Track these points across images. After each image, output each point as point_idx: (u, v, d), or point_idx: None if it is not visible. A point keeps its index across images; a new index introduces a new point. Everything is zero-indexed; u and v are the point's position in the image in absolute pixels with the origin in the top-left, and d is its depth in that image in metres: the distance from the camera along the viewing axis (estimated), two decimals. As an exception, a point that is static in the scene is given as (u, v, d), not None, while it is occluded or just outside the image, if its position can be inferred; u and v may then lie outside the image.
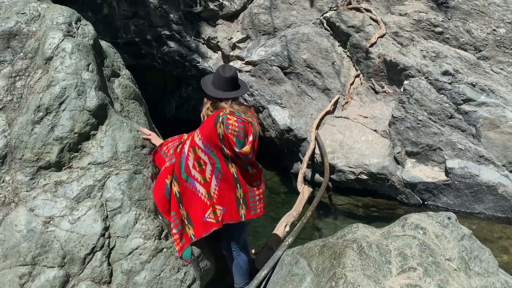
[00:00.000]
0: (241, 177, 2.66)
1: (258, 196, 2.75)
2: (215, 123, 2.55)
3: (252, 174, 2.73)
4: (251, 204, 2.70)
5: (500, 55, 5.53)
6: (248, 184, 2.70)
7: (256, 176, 2.76)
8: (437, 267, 2.36)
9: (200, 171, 2.63)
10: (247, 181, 2.69)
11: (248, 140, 2.60)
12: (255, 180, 2.75)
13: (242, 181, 2.67)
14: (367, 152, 5.31)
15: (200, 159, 2.62)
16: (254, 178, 2.75)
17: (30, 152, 2.57)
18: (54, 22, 2.85)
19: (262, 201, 2.80)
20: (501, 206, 4.74)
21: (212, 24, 6.68)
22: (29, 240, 2.41)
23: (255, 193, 2.73)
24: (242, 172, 2.67)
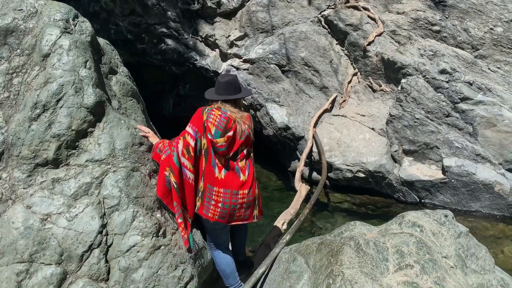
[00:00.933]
0: (210, 176, 2.74)
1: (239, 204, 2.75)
2: (202, 111, 2.76)
3: (221, 179, 2.72)
4: (207, 205, 2.75)
5: (497, 54, 5.55)
6: (219, 186, 2.73)
7: (229, 182, 2.73)
8: (434, 264, 2.37)
9: (189, 158, 2.71)
10: (218, 184, 2.73)
11: (226, 134, 2.68)
12: (236, 186, 2.73)
13: (210, 181, 2.75)
14: (365, 150, 5.32)
15: (189, 145, 2.70)
16: (225, 183, 2.72)
17: (27, 149, 2.56)
18: (51, 19, 2.84)
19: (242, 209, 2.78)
20: (497, 204, 4.77)
21: (210, 22, 6.67)
22: (26, 237, 2.40)
23: (230, 199, 2.73)
24: (208, 169, 2.74)
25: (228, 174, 2.75)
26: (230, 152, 2.74)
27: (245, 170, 2.79)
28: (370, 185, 5.34)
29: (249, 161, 2.84)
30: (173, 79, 7.90)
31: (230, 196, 2.74)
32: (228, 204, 2.74)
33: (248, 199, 2.81)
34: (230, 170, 2.75)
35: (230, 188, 2.75)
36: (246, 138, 2.79)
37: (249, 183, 2.80)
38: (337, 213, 5.04)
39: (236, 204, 2.76)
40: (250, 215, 2.86)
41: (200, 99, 7.69)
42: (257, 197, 2.90)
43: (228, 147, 2.70)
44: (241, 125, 2.74)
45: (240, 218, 2.83)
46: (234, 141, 2.73)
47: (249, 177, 2.81)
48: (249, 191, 2.81)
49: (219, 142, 2.67)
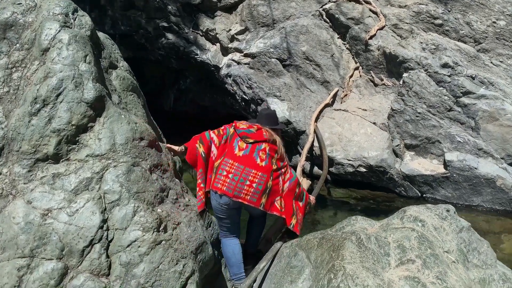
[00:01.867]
0: (229, 152, 3.09)
1: (249, 180, 2.98)
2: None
3: (239, 156, 3.05)
4: (219, 177, 3.02)
5: (500, 47, 5.51)
6: (234, 160, 3.04)
7: (254, 164, 3.02)
8: (435, 259, 2.37)
9: (218, 135, 3.18)
10: (235, 159, 3.05)
11: (253, 134, 3.13)
12: (253, 166, 3.01)
13: (229, 155, 3.06)
14: (366, 145, 5.30)
15: (220, 128, 3.23)
16: (252, 164, 3.02)
17: (27, 144, 2.56)
18: (50, 13, 2.82)
19: (251, 187, 2.98)
20: (499, 199, 4.75)
21: (211, 16, 6.63)
22: (27, 232, 2.40)
23: (241, 172, 2.99)
24: (230, 150, 3.10)
25: (247, 155, 3.04)
26: (249, 140, 3.10)
27: (264, 162, 3.04)
28: (372, 180, 5.33)
29: (268, 168, 3.04)
30: (174, 74, 7.87)
31: (242, 171, 2.98)
32: (238, 177, 2.96)
33: (260, 182, 2.97)
34: (249, 153, 3.04)
35: (244, 165, 3.00)
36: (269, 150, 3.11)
37: (264, 170, 3.01)
38: (338, 208, 5.03)
39: (246, 179, 2.96)
40: (258, 200, 2.97)
41: (201, 94, 7.68)
42: (270, 189, 3.02)
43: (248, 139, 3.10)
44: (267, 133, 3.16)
45: (247, 199, 2.96)
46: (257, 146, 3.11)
47: (266, 167, 3.02)
48: (263, 175, 2.99)
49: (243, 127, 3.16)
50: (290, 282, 2.58)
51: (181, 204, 2.89)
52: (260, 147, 3.09)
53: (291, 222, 3.09)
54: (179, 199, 2.91)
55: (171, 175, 3.01)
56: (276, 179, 3.08)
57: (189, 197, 3.06)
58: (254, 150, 3.07)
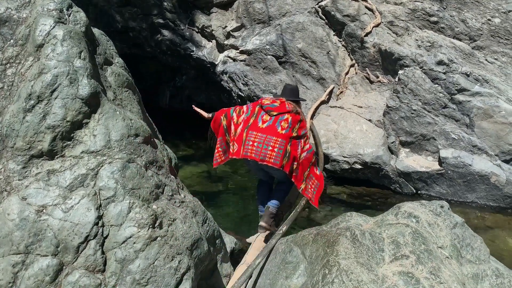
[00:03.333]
0: (253, 125, 3.61)
1: (271, 145, 3.50)
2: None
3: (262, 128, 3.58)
4: (247, 147, 3.54)
5: (495, 45, 5.54)
6: (258, 131, 3.55)
7: (275, 132, 3.55)
8: (429, 254, 2.38)
9: (238, 115, 3.71)
10: (258, 130, 3.57)
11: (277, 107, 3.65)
12: (274, 134, 3.54)
13: (253, 128, 3.59)
14: (362, 141, 5.32)
15: (242, 108, 3.74)
16: (273, 132, 3.55)
17: (22, 141, 2.55)
18: (45, 9, 2.80)
19: (273, 152, 3.48)
20: (493, 195, 4.79)
21: (206, 13, 6.62)
22: (22, 228, 2.39)
23: (263, 139, 3.53)
24: (255, 124, 3.62)
25: (269, 126, 3.56)
26: (273, 113, 3.61)
27: (283, 131, 3.54)
28: (367, 177, 5.35)
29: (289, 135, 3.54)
30: (170, 71, 7.86)
31: (265, 139, 3.51)
32: (261, 144, 3.49)
33: (280, 147, 3.47)
34: (272, 123, 3.57)
35: (266, 134, 3.52)
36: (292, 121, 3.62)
37: (284, 137, 3.51)
38: (333, 204, 5.05)
39: (268, 145, 3.49)
40: (280, 162, 3.48)
41: (197, 91, 7.67)
42: (290, 153, 3.51)
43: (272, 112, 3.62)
44: (290, 105, 3.66)
45: (271, 161, 3.47)
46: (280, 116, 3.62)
47: (286, 134, 3.53)
48: (282, 141, 3.49)
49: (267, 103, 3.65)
50: (285, 277, 2.59)
51: (176, 201, 2.89)
52: (283, 117, 3.62)
53: (301, 186, 3.60)
54: (175, 195, 2.91)
55: (166, 171, 3.01)
56: (295, 146, 3.58)
57: (184, 194, 3.07)
58: (277, 120, 3.61)
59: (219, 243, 3.18)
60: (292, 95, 3.90)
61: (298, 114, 3.71)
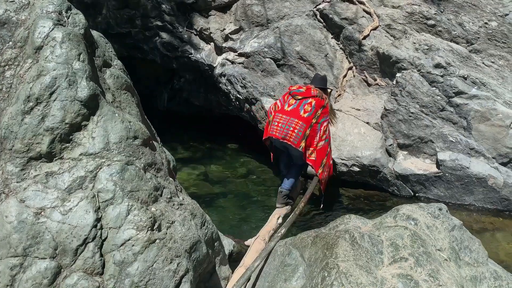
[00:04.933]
0: (281, 108, 4.24)
1: (292, 127, 4.07)
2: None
3: (287, 111, 4.19)
4: (272, 127, 4.18)
5: (492, 48, 5.57)
6: (283, 114, 4.15)
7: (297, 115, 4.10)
8: (428, 257, 2.39)
9: (274, 110, 4.39)
10: (284, 112, 4.17)
11: (302, 92, 4.23)
12: (300, 117, 4.08)
13: (280, 111, 4.19)
14: (359, 144, 5.33)
15: (276, 103, 4.46)
16: (296, 115, 4.11)
17: (20, 143, 2.54)
18: (43, 11, 2.80)
19: (294, 132, 4.07)
20: (491, 198, 4.80)
21: (205, 15, 6.63)
22: (20, 231, 2.38)
23: (287, 121, 4.11)
24: (282, 107, 4.23)
25: (294, 109, 4.08)
26: (298, 97, 4.20)
27: (305, 115, 4.04)
28: (365, 179, 5.36)
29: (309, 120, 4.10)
30: (168, 73, 7.85)
31: (288, 120, 4.06)
32: (284, 125, 4.06)
33: (300, 129, 4.01)
34: (296, 107, 4.08)
35: (290, 116, 4.09)
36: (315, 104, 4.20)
37: (305, 120, 4.03)
38: (332, 207, 5.05)
39: (290, 127, 4.04)
40: (298, 143, 4.04)
41: (195, 93, 7.66)
42: (308, 136, 4.02)
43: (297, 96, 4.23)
44: (315, 90, 4.24)
45: (291, 140, 4.03)
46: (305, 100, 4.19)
47: (307, 118, 4.03)
48: (302, 124, 4.02)
49: (294, 89, 4.32)
50: (284, 280, 2.59)
51: (175, 203, 2.89)
52: (306, 101, 4.15)
53: (319, 171, 4.17)
54: (173, 198, 2.91)
55: (165, 174, 3.01)
56: (314, 131, 4.14)
57: (183, 196, 3.06)
58: (301, 104, 4.14)
59: (218, 246, 3.17)
60: (320, 83, 4.44)
61: (322, 100, 4.21)
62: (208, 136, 7.18)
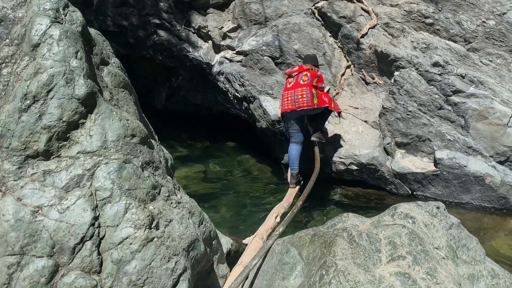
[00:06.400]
0: (284, 89, 5.08)
1: (300, 95, 4.78)
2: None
3: (298, 83, 4.92)
4: (283, 104, 4.91)
5: (489, 47, 5.58)
6: (288, 90, 4.92)
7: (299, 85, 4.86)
8: (425, 255, 2.39)
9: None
10: (288, 89, 4.96)
11: (296, 69, 5.07)
12: (301, 85, 4.85)
13: (284, 90, 4.99)
14: (357, 143, 5.33)
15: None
16: (298, 85, 4.87)
17: (17, 141, 2.53)
18: (41, 8, 2.79)
19: (303, 98, 4.76)
20: (488, 196, 4.81)
21: (203, 13, 6.61)
22: (17, 229, 2.37)
23: (293, 93, 4.84)
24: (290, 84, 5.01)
25: (295, 83, 4.89)
26: (294, 74, 5.02)
27: (305, 82, 4.82)
28: (363, 178, 5.36)
29: (309, 83, 4.84)
30: (166, 71, 7.84)
31: (294, 92, 4.79)
32: (293, 96, 4.79)
33: (307, 92, 4.74)
34: (296, 80, 4.89)
35: (294, 89, 4.83)
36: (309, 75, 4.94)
37: (307, 85, 4.79)
38: (330, 205, 5.06)
39: (298, 95, 4.75)
40: (312, 103, 4.73)
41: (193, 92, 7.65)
42: (316, 93, 4.79)
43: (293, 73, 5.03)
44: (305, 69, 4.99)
45: (305, 105, 4.72)
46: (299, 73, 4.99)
47: (308, 84, 4.80)
48: (307, 88, 4.77)
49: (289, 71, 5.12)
50: (282, 278, 2.59)
51: (173, 201, 2.89)
52: (302, 74, 4.90)
53: (332, 106, 4.91)
54: (171, 196, 2.91)
55: (163, 172, 3.00)
56: (317, 89, 4.85)
57: (181, 194, 3.06)
58: (299, 77, 4.89)
59: (216, 244, 3.17)
60: (309, 60, 5.16)
61: (315, 71, 4.94)
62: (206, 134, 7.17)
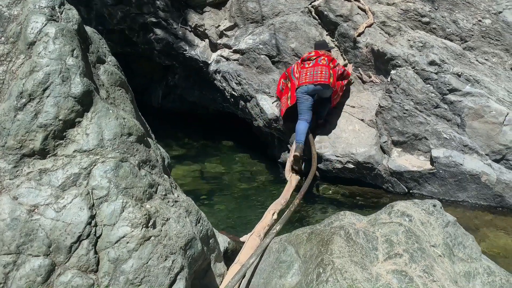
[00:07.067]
0: (302, 67, 5.43)
1: (319, 71, 5.28)
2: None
3: (318, 64, 5.35)
4: (302, 78, 5.31)
5: (485, 45, 5.60)
6: (307, 68, 5.31)
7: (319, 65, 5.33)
8: (422, 253, 2.40)
9: (285, 78, 5.62)
10: (307, 67, 5.34)
11: (313, 55, 5.48)
12: (321, 65, 5.31)
13: (303, 68, 5.37)
14: (354, 141, 5.34)
15: (285, 74, 5.68)
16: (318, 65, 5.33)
17: (13, 139, 2.51)
18: (36, 6, 2.77)
19: (322, 74, 5.24)
20: (484, 194, 4.84)
21: (199, 12, 6.60)
22: (13, 228, 2.36)
23: (313, 70, 5.29)
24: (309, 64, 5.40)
25: (314, 63, 5.30)
26: (314, 56, 5.44)
27: (325, 62, 5.28)
28: (360, 176, 5.37)
29: (328, 65, 5.33)
30: (162, 70, 7.81)
31: (314, 69, 5.22)
32: (313, 71, 5.23)
33: (326, 72, 5.20)
34: (315, 61, 5.31)
35: (314, 66, 5.27)
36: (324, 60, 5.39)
37: (325, 66, 5.24)
38: (327, 203, 5.07)
39: (317, 71, 5.20)
40: (328, 80, 5.19)
41: (189, 90, 7.63)
42: (332, 74, 5.26)
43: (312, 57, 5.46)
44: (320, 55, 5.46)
45: (323, 80, 5.16)
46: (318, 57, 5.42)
47: (326, 65, 5.26)
48: (326, 68, 5.22)
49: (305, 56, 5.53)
50: (279, 277, 2.59)
51: (170, 200, 2.88)
52: (320, 58, 5.34)
53: (335, 98, 5.49)
54: (168, 195, 2.90)
55: (159, 170, 2.99)
56: (334, 70, 5.30)
57: (178, 193, 3.05)
58: (318, 59, 5.33)
59: (213, 243, 3.17)
60: (321, 47, 5.57)
61: (329, 55, 5.45)
62: (203, 133, 7.16)
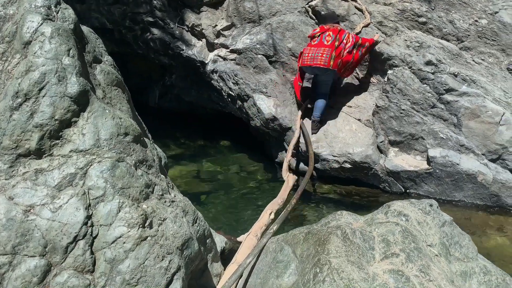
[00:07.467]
0: (308, 45, 5.52)
1: (320, 53, 5.26)
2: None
3: (322, 43, 5.35)
4: (303, 58, 5.39)
5: (482, 46, 5.62)
6: (311, 47, 5.39)
7: (322, 45, 5.32)
8: (419, 252, 2.41)
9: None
10: (311, 46, 5.42)
11: (319, 31, 5.53)
12: (324, 46, 5.29)
13: (308, 45, 5.48)
14: (351, 141, 5.35)
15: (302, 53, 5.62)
16: (321, 45, 5.32)
17: (8, 139, 2.50)
18: (32, 5, 2.76)
19: (322, 56, 5.23)
20: (480, 194, 4.85)
21: (196, 11, 6.59)
22: (8, 229, 2.35)
23: (315, 51, 5.31)
24: (315, 42, 5.44)
25: (319, 42, 5.32)
26: (318, 33, 5.45)
27: (329, 43, 5.25)
28: (357, 176, 5.38)
29: (333, 44, 5.26)
30: (159, 70, 7.80)
31: (316, 50, 5.26)
32: (314, 53, 5.26)
33: (327, 53, 5.17)
34: (320, 40, 5.33)
35: (317, 47, 5.28)
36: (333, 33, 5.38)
37: (329, 46, 5.22)
38: (324, 203, 5.07)
39: (318, 53, 5.22)
40: (328, 63, 5.19)
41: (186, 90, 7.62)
42: (334, 56, 5.19)
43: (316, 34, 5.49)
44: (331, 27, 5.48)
45: (322, 63, 5.18)
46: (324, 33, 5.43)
47: (330, 45, 5.24)
48: (328, 49, 5.20)
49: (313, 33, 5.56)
50: (276, 277, 2.59)
51: (166, 200, 2.87)
52: (325, 34, 5.34)
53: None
54: (165, 195, 2.90)
55: (156, 171, 2.99)
56: (338, 50, 5.23)
57: (174, 193, 3.05)
58: (323, 37, 5.34)
59: (210, 243, 3.17)
60: (329, 20, 5.59)
61: (336, 28, 5.36)
62: (200, 133, 7.15)
